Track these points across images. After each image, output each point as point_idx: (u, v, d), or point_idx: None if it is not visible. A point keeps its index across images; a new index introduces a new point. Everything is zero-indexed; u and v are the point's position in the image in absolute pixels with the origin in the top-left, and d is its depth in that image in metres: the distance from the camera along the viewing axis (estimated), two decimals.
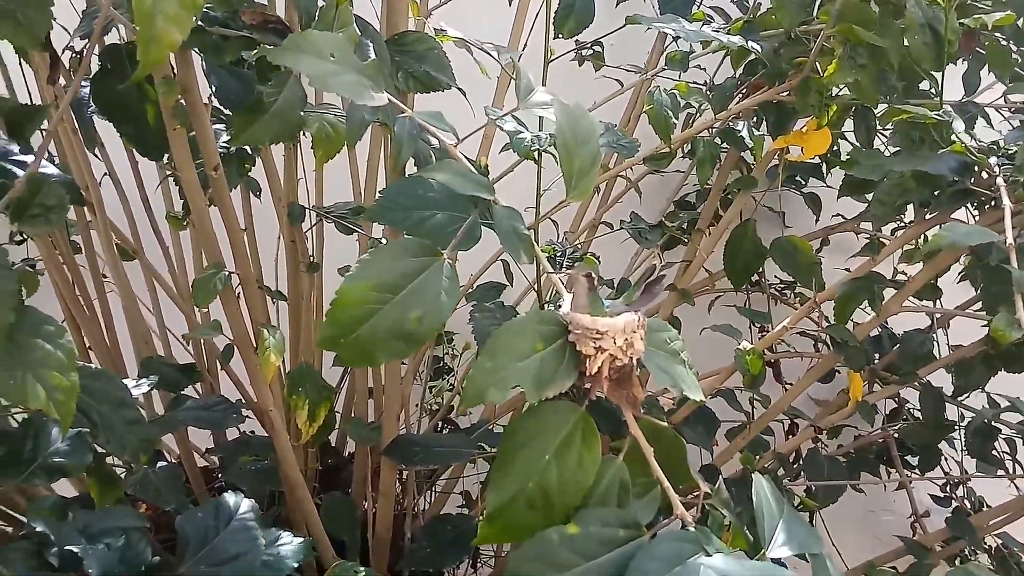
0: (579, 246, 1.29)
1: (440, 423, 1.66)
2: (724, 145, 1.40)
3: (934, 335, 1.32)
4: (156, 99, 0.86)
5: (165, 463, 1.14)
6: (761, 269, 1.53)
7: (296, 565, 0.95)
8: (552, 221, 1.48)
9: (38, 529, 0.76)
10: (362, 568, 1.06)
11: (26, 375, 0.63)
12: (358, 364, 0.56)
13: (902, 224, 1.42)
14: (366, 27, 0.92)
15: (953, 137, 1.04)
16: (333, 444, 1.55)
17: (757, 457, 1.37)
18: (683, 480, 0.60)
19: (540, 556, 0.54)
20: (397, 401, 1.31)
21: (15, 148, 0.77)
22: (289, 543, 0.96)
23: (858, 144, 1.28)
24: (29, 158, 0.74)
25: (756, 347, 1.18)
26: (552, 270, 0.62)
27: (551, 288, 1.42)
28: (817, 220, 1.68)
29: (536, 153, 1.04)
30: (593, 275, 0.59)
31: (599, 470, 0.57)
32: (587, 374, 0.56)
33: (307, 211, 1.27)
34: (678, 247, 1.66)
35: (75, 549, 0.76)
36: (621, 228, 1.31)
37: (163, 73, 0.78)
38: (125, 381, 1.13)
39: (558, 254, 1.29)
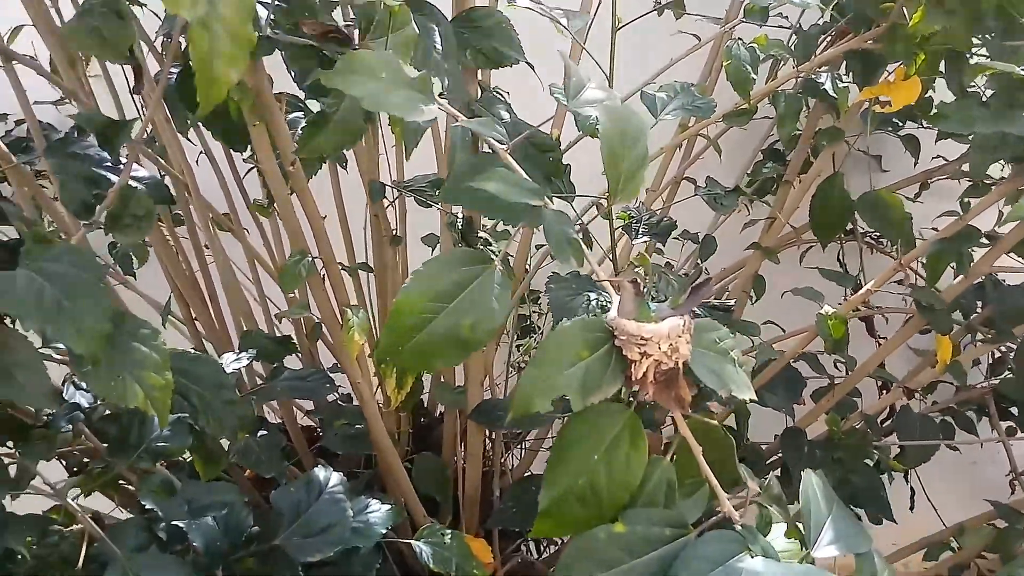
0: (658, 211, 1.28)
1: None
2: None
3: None
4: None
5: (266, 431, 1.21)
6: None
7: (384, 531, 1.01)
8: None
9: (148, 506, 0.84)
10: (449, 530, 1.12)
11: (126, 377, 0.69)
12: (417, 370, 0.60)
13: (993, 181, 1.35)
14: (432, 11, 0.94)
15: None
16: (425, 405, 1.61)
17: (843, 419, 1.35)
18: (732, 478, 0.61)
19: (588, 554, 0.57)
20: (480, 368, 1.35)
21: (107, 156, 0.83)
22: (378, 510, 1.03)
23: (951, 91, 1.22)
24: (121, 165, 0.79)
25: (838, 311, 1.16)
26: (604, 276, 0.64)
27: (628, 255, 1.43)
28: (916, 163, 1.61)
29: None
30: (639, 280, 0.60)
31: (646, 470, 0.59)
32: (633, 378, 0.58)
33: (387, 187, 1.31)
34: (768, 196, 1.63)
35: (181, 524, 0.84)
36: (696, 194, 1.29)
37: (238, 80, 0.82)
38: (227, 354, 1.21)
39: (634, 220, 1.29)
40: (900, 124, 1.55)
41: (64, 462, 1.11)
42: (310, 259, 1.01)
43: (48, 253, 0.67)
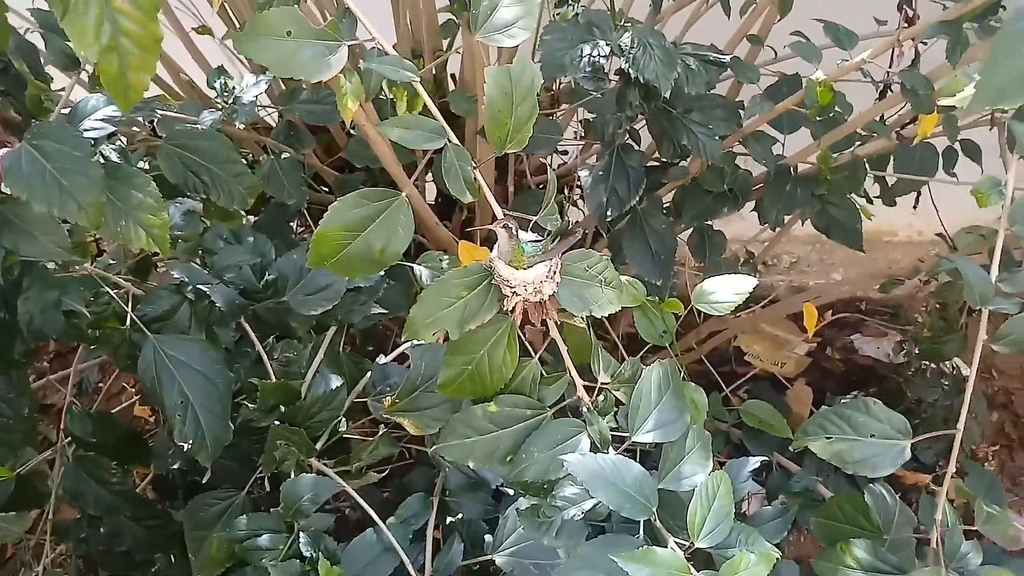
0: None
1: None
2: None
3: None
4: None
5: (289, 155, 1.36)
6: None
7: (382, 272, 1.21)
8: None
9: (175, 273, 1.05)
10: (445, 256, 1.31)
11: (128, 221, 0.85)
12: (343, 275, 0.73)
13: None
14: None
15: None
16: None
17: (835, 156, 1.40)
18: (586, 363, 0.77)
19: (467, 423, 0.76)
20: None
21: None
22: None
23: None
24: None
25: (828, 78, 1.17)
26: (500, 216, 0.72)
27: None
28: None
29: None
30: (511, 226, 0.69)
31: (518, 367, 0.75)
32: (505, 309, 0.71)
33: None
34: None
35: (204, 288, 1.05)
36: None
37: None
38: (248, 76, 1.33)
39: None
40: None
41: None
42: None
43: (45, 130, 0.78)
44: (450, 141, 0.69)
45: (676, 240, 1.45)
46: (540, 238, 0.74)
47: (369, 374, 1.19)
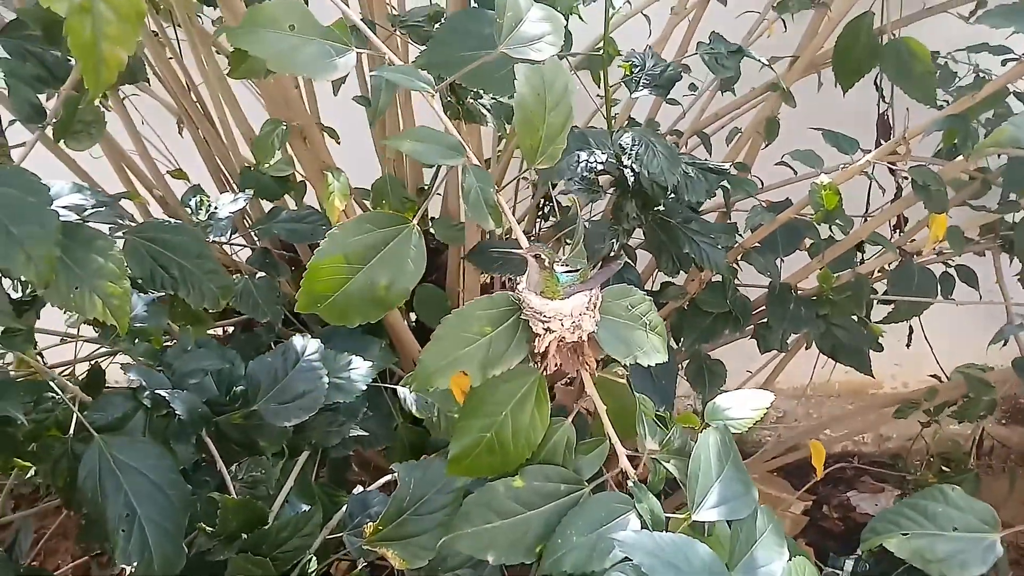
0: (666, 61, 1.20)
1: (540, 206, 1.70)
2: None
3: None
4: None
5: (265, 273, 1.27)
6: None
7: (364, 387, 1.08)
8: (645, 16, 1.38)
9: (132, 377, 0.91)
10: None
11: (84, 288, 0.73)
12: (336, 323, 0.61)
13: None
14: None
15: None
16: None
17: (836, 276, 1.35)
18: (629, 434, 0.64)
19: (487, 503, 0.62)
20: None
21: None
22: (359, 367, 1.09)
23: None
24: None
25: (833, 181, 1.13)
26: (524, 242, 0.63)
27: (629, 108, 1.38)
28: None
29: None
30: (543, 255, 0.60)
31: (548, 430, 0.63)
32: (536, 352, 0.60)
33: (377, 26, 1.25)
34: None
35: (164, 393, 0.91)
36: (695, 53, 1.20)
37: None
38: (225, 194, 1.25)
39: (636, 69, 1.22)
40: None
41: None
42: (284, 127, 1.00)
43: None
44: (470, 160, 0.60)
45: (676, 366, 1.35)
46: (574, 268, 0.63)
47: (345, 507, 1.03)
